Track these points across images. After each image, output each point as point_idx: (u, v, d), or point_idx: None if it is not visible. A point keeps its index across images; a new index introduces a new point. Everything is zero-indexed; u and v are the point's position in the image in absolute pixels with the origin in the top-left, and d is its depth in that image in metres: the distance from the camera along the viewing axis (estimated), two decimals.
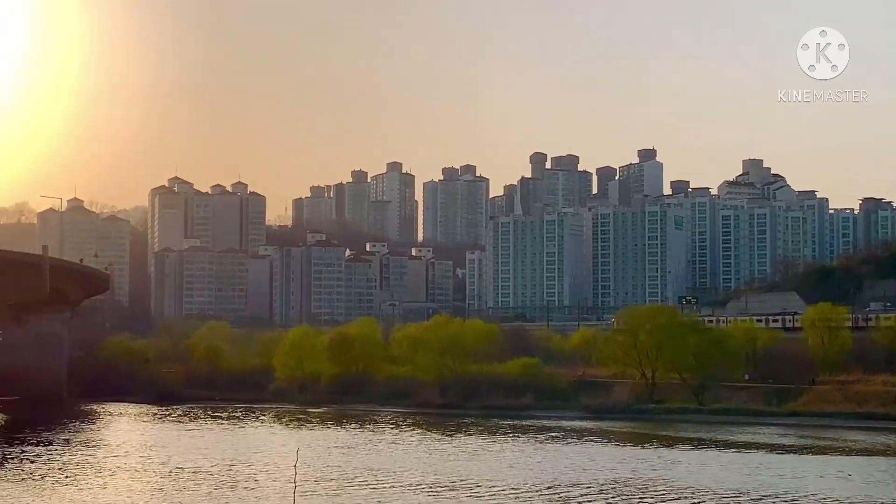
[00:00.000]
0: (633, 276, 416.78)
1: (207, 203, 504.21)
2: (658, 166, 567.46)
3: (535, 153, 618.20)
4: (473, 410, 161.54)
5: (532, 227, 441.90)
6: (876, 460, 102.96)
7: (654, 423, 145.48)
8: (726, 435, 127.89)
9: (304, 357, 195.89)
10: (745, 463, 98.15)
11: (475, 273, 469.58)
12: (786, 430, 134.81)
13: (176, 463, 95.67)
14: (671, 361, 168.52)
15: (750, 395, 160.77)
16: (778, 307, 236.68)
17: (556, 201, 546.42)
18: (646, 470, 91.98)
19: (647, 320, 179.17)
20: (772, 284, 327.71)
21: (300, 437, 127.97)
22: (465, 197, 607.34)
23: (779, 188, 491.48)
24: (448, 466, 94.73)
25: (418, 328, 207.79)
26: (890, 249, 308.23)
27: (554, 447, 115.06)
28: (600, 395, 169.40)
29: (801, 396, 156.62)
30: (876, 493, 78.09)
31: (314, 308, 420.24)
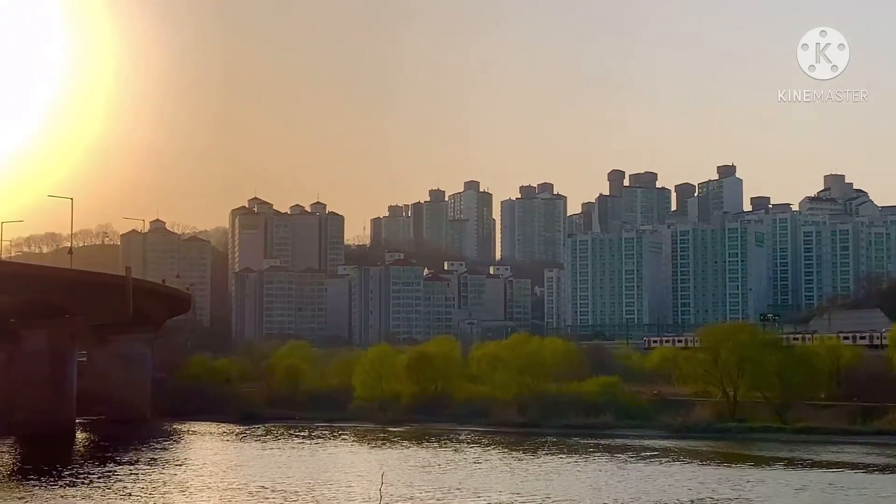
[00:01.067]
0: (713, 294, 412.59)
1: (287, 223, 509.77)
2: (738, 182, 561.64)
3: (613, 170, 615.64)
4: (552, 429, 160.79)
5: (610, 245, 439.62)
6: None
7: (737, 443, 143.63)
8: (811, 454, 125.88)
9: (383, 376, 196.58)
10: (832, 482, 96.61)
11: (553, 291, 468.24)
12: (871, 448, 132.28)
13: (259, 482, 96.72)
14: (753, 379, 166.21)
15: (834, 414, 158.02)
16: (862, 324, 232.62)
17: (635, 218, 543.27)
18: (729, 490, 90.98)
19: (727, 338, 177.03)
20: (855, 301, 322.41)
21: (381, 456, 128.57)
22: (543, 215, 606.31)
23: (861, 203, 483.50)
24: (530, 486, 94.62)
25: (497, 346, 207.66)
26: None
27: (634, 466, 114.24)
28: (681, 414, 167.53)
29: (887, 415, 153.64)
30: None
31: (393, 327, 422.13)
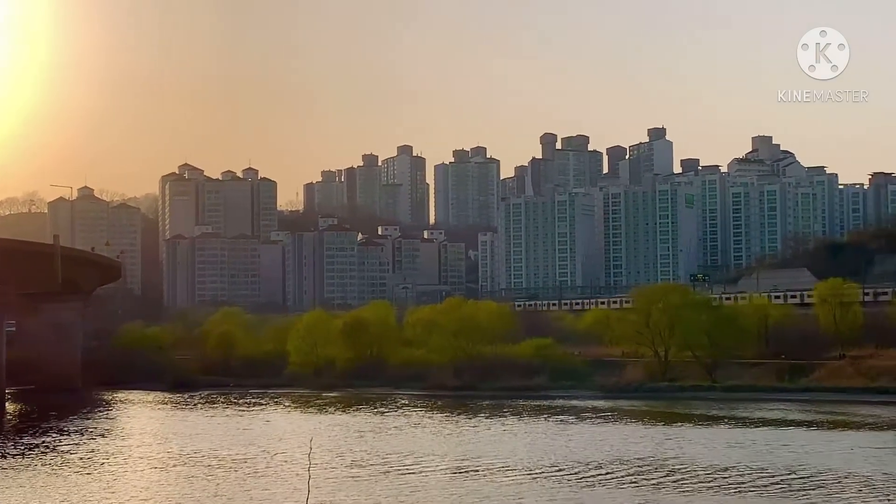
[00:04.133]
0: (645, 255, 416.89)
1: (218, 189, 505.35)
2: (668, 145, 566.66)
3: (546, 134, 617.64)
4: (488, 392, 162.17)
5: (543, 208, 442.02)
6: (887, 435, 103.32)
7: (668, 401, 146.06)
8: (740, 412, 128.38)
9: (318, 342, 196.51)
10: (760, 439, 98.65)
11: (487, 255, 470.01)
12: (799, 405, 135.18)
13: (191, 450, 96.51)
14: (683, 339, 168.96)
15: (763, 372, 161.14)
16: (789, 283, 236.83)
17: (567, 181, 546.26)
18: (660, 449, 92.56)
19: (659, 299, 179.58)
20: (783, 261, 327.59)
21: (315, 421, 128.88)
22: (477, 179, 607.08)
23: (788, 164, 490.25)
24: (464, 448, 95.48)
25: (432, 311, 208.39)
26: None
27: (569, 427, 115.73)
28: (614, 375, 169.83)
29: (814, 372, 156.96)
30: (886, 467, 78.50)
31: (327, 293, 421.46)
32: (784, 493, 67.79)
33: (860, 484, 70.31)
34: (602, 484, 72.81)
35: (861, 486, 69.38)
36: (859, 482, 71.02)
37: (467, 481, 74.97)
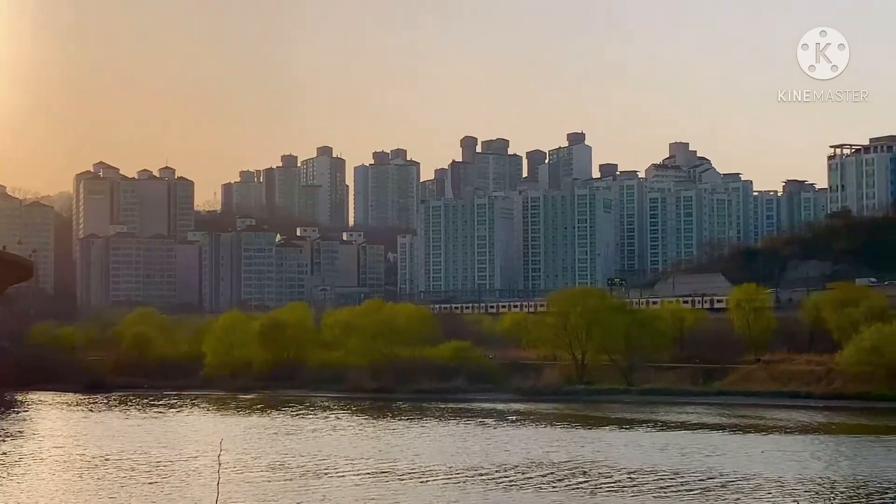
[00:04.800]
0: (563, 259, 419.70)
1: (134, 188, 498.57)
2: (587, 150, 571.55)
3: (466, 137, 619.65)
4: (406, 394, 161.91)
5: (463, 211, 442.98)
6: (798, 438, 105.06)
7: (584, 405, 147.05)
8: (656, 415, 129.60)
9: (234, 343, 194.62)
10: (675, 442, 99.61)
11: (407, 257, 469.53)
12: (713, 409, 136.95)
13: (103, 452, 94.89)
14: (600, 343, 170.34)
15: (678, 376, 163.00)
16: (704, 288, 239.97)
17: (487, 185, 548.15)
18: (578, 450, 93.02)
19: (576, 302, 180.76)
20: (698, 266, 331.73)
21: (230, 423, 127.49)
22: (396, 181, 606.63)
23: (704, 171, 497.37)
24: (381, 451, 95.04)
25: (350, 313, 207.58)
26: (812, 231, 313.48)
27: (487, 429, 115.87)
28: (531, 378, 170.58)
29: (728, 376, 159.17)
30: (794, 470, 79.78)
31: (244, 294, 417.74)
32: (699, 496, 68.49)
33: (772, 486, 71.34)
34: (519, 487, 72.94)
35: (772, 489, 70.39)
36: (771, 484, 72.05)
37: (384, 484, 74.61)
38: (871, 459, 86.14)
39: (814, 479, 74.46)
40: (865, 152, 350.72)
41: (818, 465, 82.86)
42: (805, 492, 69.37)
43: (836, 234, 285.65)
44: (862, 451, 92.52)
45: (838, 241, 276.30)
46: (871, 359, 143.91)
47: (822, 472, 79.04)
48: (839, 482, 73.71)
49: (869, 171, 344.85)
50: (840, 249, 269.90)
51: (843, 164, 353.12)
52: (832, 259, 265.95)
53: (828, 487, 71.54)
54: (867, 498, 67.22)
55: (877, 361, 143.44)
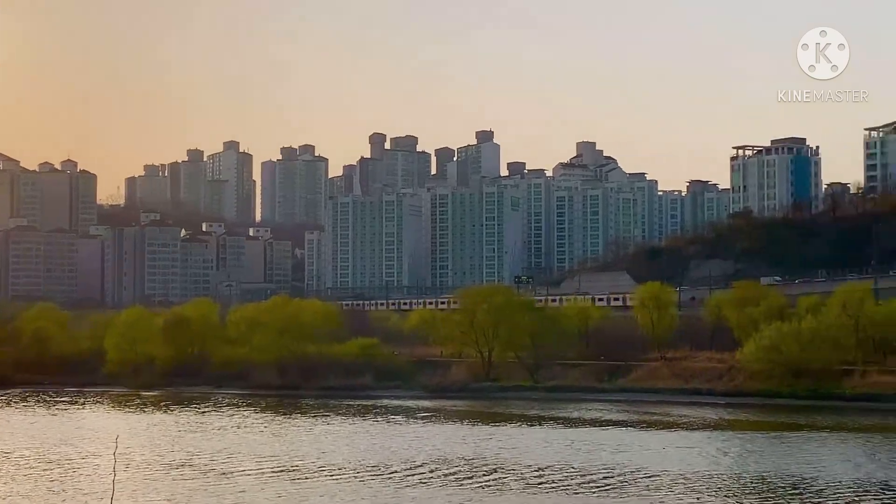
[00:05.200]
0: (471, 257, 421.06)
1: (35, 181, 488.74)
2: (495, 148, 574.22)
3: (375, 134, 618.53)
4: (312, 391, 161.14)
5: (371, 208, 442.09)
6: (700, 434, 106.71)
7: (491, 401, 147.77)
8: (561, 412, 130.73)
9: (137, 339, 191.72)
10: (580, 439, 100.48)
11: (314, 253, 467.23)
12: (618, 405, 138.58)
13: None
14: (507, 340, 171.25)
15: (583, 373, 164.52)
16: (609, 287, 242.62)
17: (396, 182, 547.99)
18: (484, 447, 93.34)
19: (483, 300, 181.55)
20: (604, 264, 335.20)
21: (132, 420, 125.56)
22: (304, 177, 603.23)
23: (611, 170, 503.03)
24: (287, 448, 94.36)
25: (256, 309, 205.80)
26: (715, 230, 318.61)
27: (394, 426, 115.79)
28: (438, 375, 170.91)
29: (632, 373, 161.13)
30: (697, 465, 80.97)
31: (148, 289, 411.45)
32: (602, 492, 69.15)
33: (675, 482, 72.27)
34: (425, 483, 72.93)
35: (675, 484, 71.30)
36: (674, 480, 73.00)
37: (291, 482, 74.03)
38: (771, 455, 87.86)
39: (716, 475, 75.65)
40: (767, 153, 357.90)
41: (720, 461, 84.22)
42: (707, 488, 70.39)
43: (738, 233, 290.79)
44: (762, 447, 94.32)
45: (740, 241, 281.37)
46: (770, 356, 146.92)
47: (725, 468, 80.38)
48: (740, 478, 75.01)
49: (770, 172, 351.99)
50: (741, 249, 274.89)
51: (745, 165, 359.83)
52: (734, 258, 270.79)
53: (730, 483, 72.76)
54: (767, 493, 68.48)
55: (776, 359, 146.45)
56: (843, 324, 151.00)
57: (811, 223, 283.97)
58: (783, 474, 75.66)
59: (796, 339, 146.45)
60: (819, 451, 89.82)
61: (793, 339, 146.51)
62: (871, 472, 77.03)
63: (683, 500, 65.71)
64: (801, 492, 68.13)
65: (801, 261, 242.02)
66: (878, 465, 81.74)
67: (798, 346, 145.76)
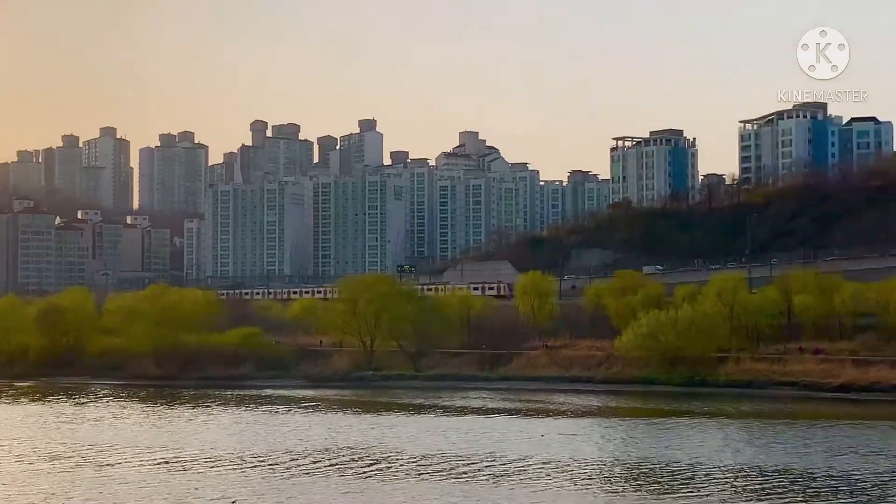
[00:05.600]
0: (354, 245, 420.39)
1: None
2: (378, 137, 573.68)
3: (256, 121, 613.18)
4: (191, 381, 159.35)
5: (252, 196, 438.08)
6: (579, 421, 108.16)
7: (373, 391, 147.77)
8: (443, 400, 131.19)
9: (10, 329, 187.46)
10: (463, 427, 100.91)
11: (194, 242, 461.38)
12: (499, 394, 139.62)
13: None
14: (389, 329, 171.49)
15: (465, 361, 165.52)
16: (492, 276, 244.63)
17: (278, 170, 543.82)
18: (367, 436, 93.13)
19: (366, 289, 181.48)
20: (486, 253, 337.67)
21: (4, 412, 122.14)
22: (184, 164, 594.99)
23: (493, 160, 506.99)
24: (167, 439, 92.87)
25: (133, 298, 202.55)
26: (595, 220, 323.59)
27: (276, 416, 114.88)
28: (319, 364, 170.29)
29: (513, 361, 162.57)
30: (575, 452, 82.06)
31: (21, 278, 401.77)
32: (485, 480, 69.57)
33: (553, 468, 73.08)
34: (309, 473, 72.49)
35: (552, 471, 72.10)
36: (552, 467, 73.81)
37: (172, 473, 72.89)
38: (647, 441, 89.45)
39: (598, 462, 76.72)
40: (646, 145, 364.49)
41: (596, 448, 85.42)
42: (589, 474, 71.35)
43: (617, 223, 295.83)
44: (643, 433, 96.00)
45: (619, 231, 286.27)
46: (647, 344, 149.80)
47: (607, 454, 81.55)
48: (617, 463, 76.18)
49: (649, 162, 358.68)
50: (621, 238, 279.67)
51: (624, 156, 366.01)
52: (613, 248, 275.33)
53: (612, 469, 73.83)
54: (643, 478, 69.67)
55: (653, 347, 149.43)
56: (718, 312, 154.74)
57: (688, 214, 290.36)
58: (658, 459, 77.08)
59: (673, 328, 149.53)
60: (693, 437, 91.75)
61: (670, 328, 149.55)
62: (743, 456, 78.99)
63: (566, 486, 66.48)
64: (684, 476, 69.46)
65: (678, 250, 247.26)
66: (748, 448, 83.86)
67: (675, 334, 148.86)
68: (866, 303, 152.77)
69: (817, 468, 72.04)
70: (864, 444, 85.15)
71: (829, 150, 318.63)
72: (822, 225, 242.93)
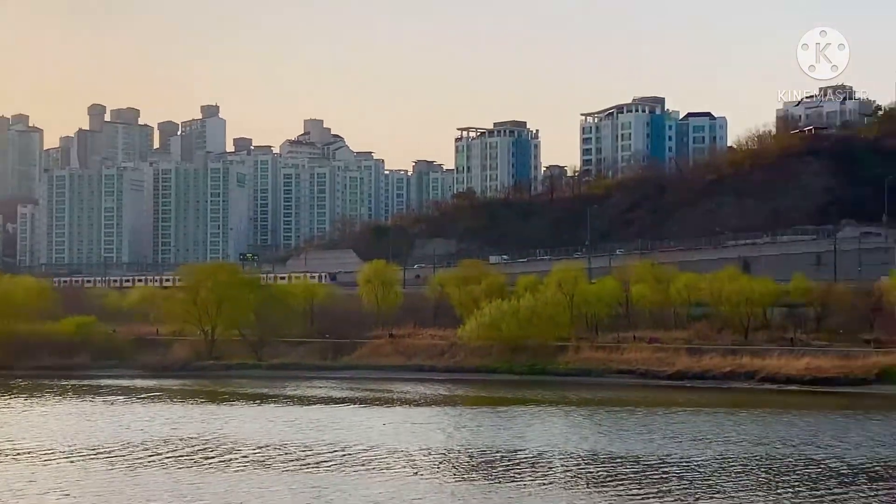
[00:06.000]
0: (195, 233, 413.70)
1: None
2: (221, 123, 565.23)
3: (94, 105, 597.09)
4: (23, 371, 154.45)
5: (90, 182, 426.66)
6: (422, 410, 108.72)
7: (215, 380, 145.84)
8: (286, 390, 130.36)
9: None
10: (306, 417, 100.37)
11: (27, 228, 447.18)
12: (343, 383, 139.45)
13: None
14: (231, 318, 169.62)
15: (308, 351, 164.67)
16: (336, 264, 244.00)
17: (116, 155, 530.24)
18: (208, 427, 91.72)
19: (207, 277, 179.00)
20: (330, 242, 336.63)
21: None
22: (18, 148, 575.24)
23: (338, 148, 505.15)
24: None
25: None
26: (439, 210, 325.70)
27: (112, 407, 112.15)
28: (159, 354, 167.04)
29: (357, 350, 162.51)
30: (418, 440, 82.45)
31: None
32: (326, 469, 69.26)
33: (397, 457, 73.25)
34: (145, 465, 70.97)
35: (397, 459, 72.28)
36: (397, 455, 73.96)
37: (3, 465, 70.44)
38: (490, 429, 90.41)
39: (437, 449, 77.17)
40: (490, 136, 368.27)
41: (441, 436, 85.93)
42: (428, 461, 71.71)
43: (461, 213, 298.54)
44: (485, 421, 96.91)
45: (463, 221, 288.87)
46: (490, 334, 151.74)
47: (446, 442, 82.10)
48: (462, 451, 76.76)
49: (493, 153, 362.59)
50: (464, 228, 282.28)
51: (468, 146, 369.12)
52: (457, 237, 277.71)
53: (456, 457, 74.31)
54: (488, 466, 70.32)
55: (496, 336, 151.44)
56: (559, 302, 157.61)
57: (530, 204, 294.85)
58: (498, 447, 77.96)
59: (515, 317, 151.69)
60: (533, 424, 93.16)
61: (511, 317, 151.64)
62: (581, 443, 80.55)
63: (412, 474, 66.66)
64: (528, 464, 70.36)
65: (521, 241, 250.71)
66: (585, 436, 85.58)
67: (516, 323, 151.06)
68: (700, 293, 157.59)
69: (656, 454, 73.95)
70: (699, 430, 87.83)
71: (666, 144, 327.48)
72: (659, 217, 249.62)
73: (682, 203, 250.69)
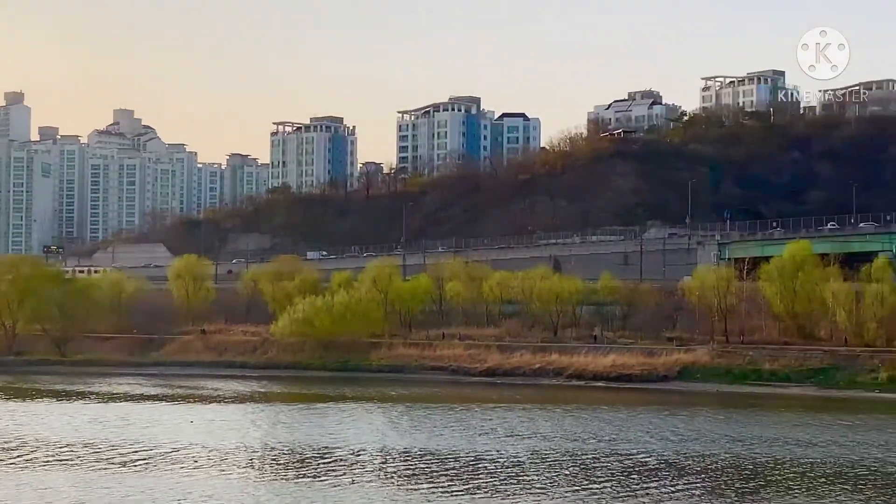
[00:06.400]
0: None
1: None
2: (26, 111, 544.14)
3: None
4: None
5: None
6: (233, 407, 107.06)
7: (16, 376, 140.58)
8: (90, 386, 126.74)
9: None
10: (112, 414, 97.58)
11: None
12: (151, 379, 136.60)
13: None
14: (33, 313, 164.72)
15: (115, 346, 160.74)
16: (146, 258, 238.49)
17: None
18: (4, 424, 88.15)
19: (8, 270, 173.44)
20: (140, 235, 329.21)
21: None
22: None
23: (149, 140, 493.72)
24: None
25: None
26: (253, 204, 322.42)
27: None
28: None
29: (166, 346, 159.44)
30: (230, 438, 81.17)
31: None
32: (130, 468, 67.31)
33: (200, 455, 71.80)
34: None
35: (205, 457, 70.93)
36: (200, 454, 72.54)
37: None
38: (301, 426, 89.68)
39: (245, 447, 76.06)
40: (306, 131, 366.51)
41: (250, 433, 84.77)
42: (235, 459, 70.56)
43: (276, 208, 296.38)
44: (292, 418, 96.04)
45: (278, 216, 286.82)
46: (303, 330, 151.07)
47: (254, 439, 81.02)
48: (270, 448, 75.89)
49: (309, 149, 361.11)
50: (279, 223, 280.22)
51: (284, 141, 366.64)
52: (272, 232, 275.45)
53: (259, 454, 73.40)
54: (298, 464, 69.55)
55: (309, 332, 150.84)
56: (373, 298, 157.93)
57: (346, 200, 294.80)
58: (312, 444, 77.38)
59: (328, 313, 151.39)
60: (346, 421, 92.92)
61: (325, 313, 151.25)
62: (394, 440, 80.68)
63: (218, 472, 65.39)
64: (339, 461, 69.96)
65: (336, 237, 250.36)
66: (399, 432, 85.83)
67: (330, 319, 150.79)
68: (512, 291, 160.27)
69: (471, 450, 74.54)
70: (512, 426, 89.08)
71: (481, 143, 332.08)
72: (473, 215, 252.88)
73: (496, 202, 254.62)
